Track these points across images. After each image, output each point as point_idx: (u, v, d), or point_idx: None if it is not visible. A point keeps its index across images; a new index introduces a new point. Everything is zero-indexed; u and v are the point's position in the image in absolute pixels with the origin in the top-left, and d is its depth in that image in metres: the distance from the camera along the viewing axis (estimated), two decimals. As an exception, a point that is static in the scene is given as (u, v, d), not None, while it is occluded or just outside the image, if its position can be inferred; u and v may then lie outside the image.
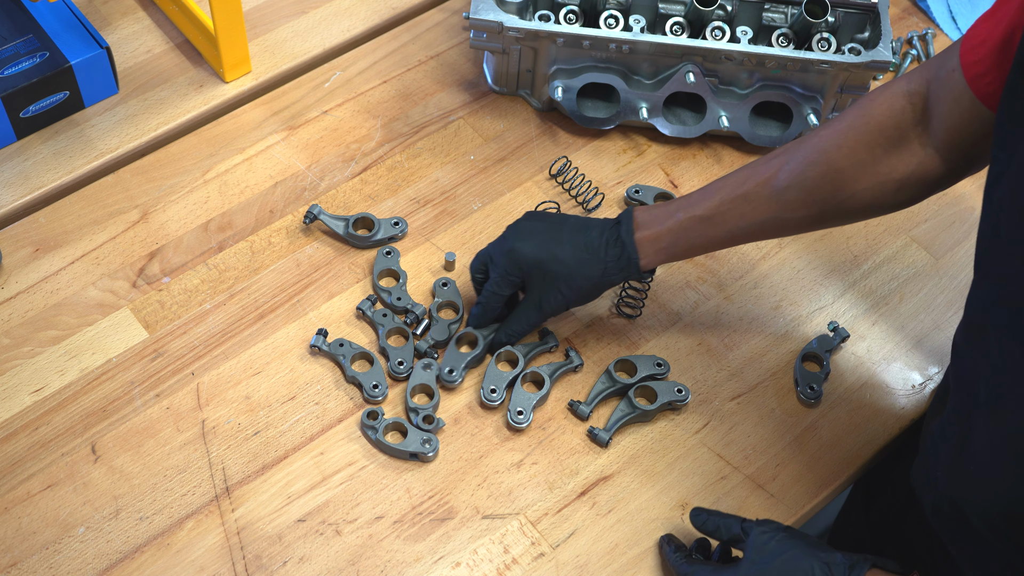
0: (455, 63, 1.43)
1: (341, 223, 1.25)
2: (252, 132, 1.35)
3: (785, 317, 1.24)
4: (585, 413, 1.14)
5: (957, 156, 0.98)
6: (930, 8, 1.52)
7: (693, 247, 1.10)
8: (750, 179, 1.07)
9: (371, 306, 1.20)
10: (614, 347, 1.20)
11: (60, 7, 1.34)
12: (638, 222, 1.11)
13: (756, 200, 1.06)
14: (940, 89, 0.96)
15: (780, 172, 1.05)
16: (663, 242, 1.10)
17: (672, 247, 1.10)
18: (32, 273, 1.22)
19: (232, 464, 1.10)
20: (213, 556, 1.05)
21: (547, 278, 1.12)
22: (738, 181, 1.07)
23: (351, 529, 1.07)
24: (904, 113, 0.99)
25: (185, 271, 1.23)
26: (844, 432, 1.16)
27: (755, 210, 1.06)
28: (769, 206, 1.05)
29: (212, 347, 1.18)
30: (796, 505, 1.11)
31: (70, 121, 1.34)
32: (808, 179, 1.03)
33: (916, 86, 0.99)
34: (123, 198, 1.29)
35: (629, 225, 1.10)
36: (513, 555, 1.07)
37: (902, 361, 1.22)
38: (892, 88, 1.01)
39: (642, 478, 1.12)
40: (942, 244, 1.31)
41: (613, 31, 1.30)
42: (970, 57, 0.91)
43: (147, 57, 1.40)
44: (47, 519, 1.07)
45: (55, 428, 1.12)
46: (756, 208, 1.06)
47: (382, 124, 1.37)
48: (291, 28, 1.45)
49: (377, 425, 1.11)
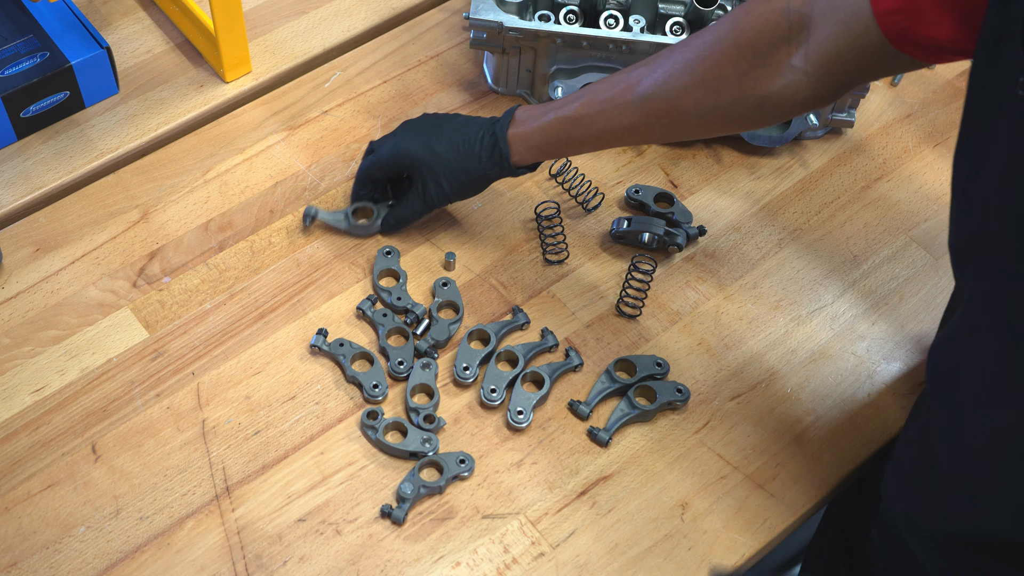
0: (455, 63, 1.43)
1: (341, 215, 1.25)
2: (252, 132, 1.35)
3: (785, 317, 1.24)
4: (585, 413, 1.14)
5: (829, 81, 0.96)
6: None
7: (565, 146, 1.14)
8: (617, 85, 1.09)
9: (371, 306, 1.20)
10: (614, 347, 1.20)
11: (60, 7, 1.34)
12: (515, 119, 1.15)
13: (621, 105, 1.08)
14: (830, 11, 0.93)
15: (644, 79, 1.06)
16: (534, 140, 1.14)
17: (543, 145, 1.14)
18: (32, 273, 1.22)
19: (232, 464, 1.11)
20: (213, 556, 1.05)
21: (428, 170, 1.19)
22: (606, 86, 1.10)
23: (351, 529, 1.07)
24: (779, 29, 0.97)
25: (185, 271, 1.23)
26: (844, 432, 1.16)
27: (620, 114, 1.08)
28: (633, 112, 1.07)
29: (212, 347, 1.18)
30: (796, 505, 1.11)
31: (70, 121, 1.34)
32: (670, 89, 1.04)
33: (797, 3, 0.96)
34: (123, 198, 1.29)
35: (505, 123, 1.15)
36: (513, 555, 1.07)
37: (902, 361, 1.22)
38: (770, 2, 0.98)
39: (642, 478, 1.12)
40: (942, 244, 1.31)
41: (613, 31, 1.30)
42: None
43: (147, 57, 1.40)
44: (47, 519, 1.07)
45: (55, 428, 1.12)
46: (621, 112, 1.08)
47: (382, 124, 1.37)
48: (291, 28, 1.45)
49: (377, 425, 1.11)
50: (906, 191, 1.35)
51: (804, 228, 1.31)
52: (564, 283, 1.25)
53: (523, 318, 1.20)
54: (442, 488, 1.09)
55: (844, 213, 1.33)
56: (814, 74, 0.97)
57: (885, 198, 1.34)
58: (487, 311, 1.22)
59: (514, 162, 1.16)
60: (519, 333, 1.21)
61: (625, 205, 1.32)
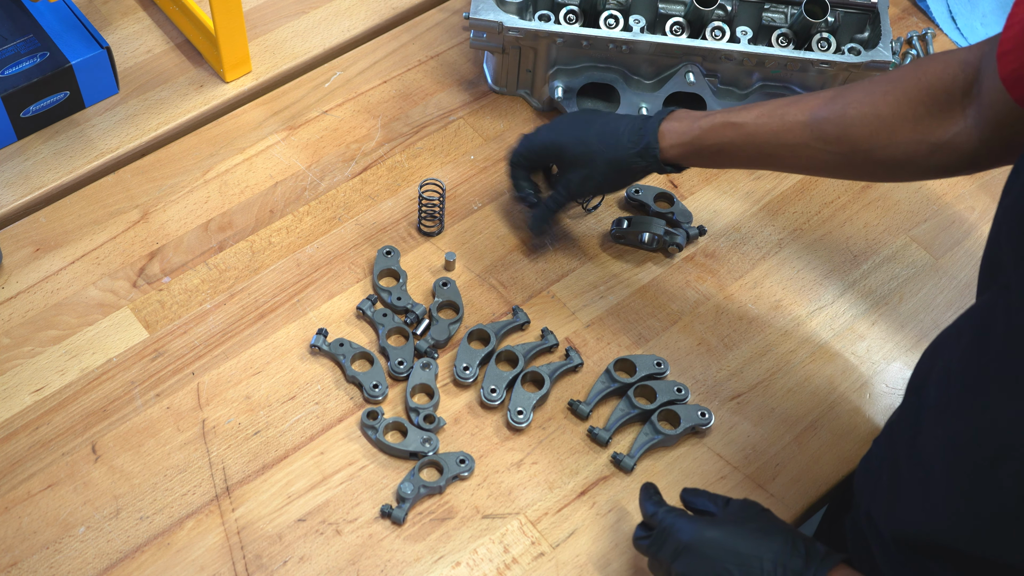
0: (455, 63, 1.43)
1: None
2: (252, 132, 1.35)
3: (785, 317, 1.24)
4: (585, 413, 1.14)
5: (992, 137, 0.96)
6: (930, 8, 1.52)
7: (720, 152, 1.11)
8: (794, 103, 1.07)
9: (371, 306, 1.20)
10: (614, 347, 1.20)
11: (60, 7, 1.34)
12: (674, 115, 1.14)
13: (793, 122, 1.06)
14: (987, 65, 0.94)
15: (824, 104, 1.05)
16: (689, 135, 1.11)
17: (697, 144, 1.11)
18: (32, 273, 1.22)
19: (232, 464, 1.11)
20: (213, 556, 1.05)
21: (573, 159, 1.18)
22: (783, 102, 1.08)
23: (351, 529, 1.07)
24: (955, 80, 0.97)
25: (185, 271, 1.23)
26: (844, 432, 1.16)
27: (789, 131, 1.06)
28: (803, 132, 1.05)
29: (212, 347, 1.18)
30: (796, 505, 1.11)
31: (70, 121, 1.34)
32: (847, 116, 1.03)
33: (972, 57, 0.97)
34: (123, 198, 1.29)
35: (660, 116, 1.14)
36: (513, 555, 1.07)
37: (902, 361, 1.22)
38: (951, 54, 0.99)
39: (642, 478, 1.12)
40: (942, 244, 1.31)
41: (613, 31, 1.30)
42: (1005, 34, 0.88)
43: (147, 57, 1.40)
44: (47, 519, 1.07)
45: (55, 428, 1.12)
46: (791, 130, 1.06)
47: (382, 124, 1.37)
48: (291, 28, 1.45)
49: (377, 425, 1.11)
50: (906, 191, 1.35)
51: (804, 228, 1.31)
52: (564, 283, 1.25)
53: (523, 318, 1.20)
54: (442, 488, 1.09)
55: (844, 213, 1.33)
56: (980, 127, 0.97)
57: (885, 198, 1.34)
58: (487, 311, 1.22)
59: (662, 155, 1.13)
60: (519, 333, 1.21)
61: (625, 205, 1.32)
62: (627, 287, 1.25)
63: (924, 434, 0.88)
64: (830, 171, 1.09)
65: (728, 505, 1.00)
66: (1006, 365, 0.77)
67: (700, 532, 0.95)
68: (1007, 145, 0.96)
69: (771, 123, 1.07)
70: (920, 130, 1.00)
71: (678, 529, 0.96)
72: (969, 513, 0.82)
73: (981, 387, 0.80)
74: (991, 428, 0.79)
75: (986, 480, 0.80)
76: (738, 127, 1.08)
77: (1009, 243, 0.77)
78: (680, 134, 1.12)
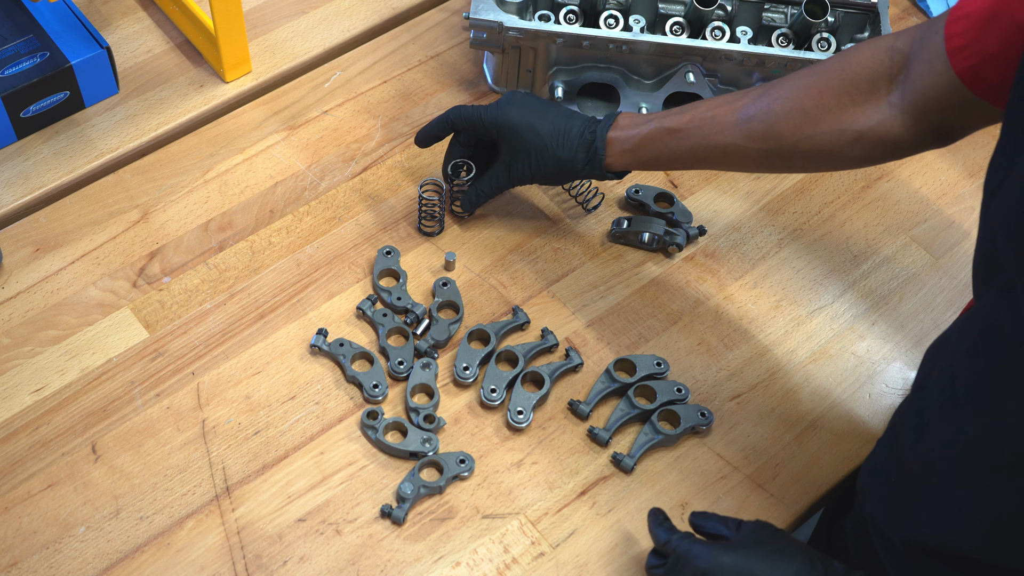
0: (455, 63, 1.43)
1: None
2: (252, 132, 1.35)
3: (785, 317, 1.24)
4: (585, 413, 1.14)
5: (922, 123, 0.97)
6: (929, 8, 1.52)
7: (658, 157, 1.13)
8: (723, 104, 1.09)
9: (371, 306, 1.20)
10: (614, 347, 1.20)
11: (60, 7, 1.34)
12: (617, 123, 1.15)
13: (723, 123, 1.08)
14: (921, 50, 0.95)
15: (752, 102, 1.07)
16: (630, 144, 1.14)
17: (638, 151, 1.13)
18: (32, 273, 1.22)
19: (232, 464, 1.11)
20: (213, 556, 1.05)
21: (521, 146, 1.18)
22: (712, 104, 1.10)
23: (351, 529, 1.07)
24: (882, 67, 0.99)
25: (185, 271, 1.23)
26: (844, 432, 1.16)
27: (719, 132, 1.08)
28: (733, 132, 1.07)
29: (212, 347, 1.18)
30: (796, 505, 1.11)
31: (70, 121, 1.34)
32: (772, 112, 1.04)
33: (901, 44, 0.98)
34: (123, 198, 1.29)
35: (607, 123, 1.15)
36: (513, 555, 1.07)
37: (902, 361, 1.22)
38: (879, 41, 1.00)
39: (642, 478, 1.12)
40: (942, 244, 1.31)
41: (613, 31, 1.30)
42: (953, 28, 0.90)
43: (147, 57, 1.40)
44: (47, 519, 1.07)
45: (55, 428, 1.12)
46: (721, 131, 1.08)
47: (382, 124, 1.37)
48: (291, 28, 1.45)
49: (377, 425, 1.11)
50: (906, 191, 1.35)
51: (804, 228, 1.31)
52: (564, 283, 1.25)
53: (523, 318, 1.20)
54: (442, 488, 1.09)
55: (844, 213, 1.33)
56: (908, 113, 0.97)
57: (885, 198, 1.34)
58: (487, 311, 1.22)
59: (606, 164, 1.15)
60: (519, 333, 1.21)
61: (625, 205, 1.32)
62: (627, 287, 1.25)
63: (930, 437, 0.87)
64: (759, 167, 1.11)
65: (741, 528, 0.99)
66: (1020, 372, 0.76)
67: (717, 558, 0.94)
68: (935, 131, 0.97)
69: (703, 127, 1.09)
70: (844, 119, 1.01)
71: (694, 556, 0.95)
72: (987, 523, 0.82)
73: (991, 393, 0.79)
74: (1008, 436, 0.78)
75: (1004, 489, 0.79)
76: (673, 133, 1.11)
77: (1010, 245, 0.77)
78: (623, 142, 1.14)
